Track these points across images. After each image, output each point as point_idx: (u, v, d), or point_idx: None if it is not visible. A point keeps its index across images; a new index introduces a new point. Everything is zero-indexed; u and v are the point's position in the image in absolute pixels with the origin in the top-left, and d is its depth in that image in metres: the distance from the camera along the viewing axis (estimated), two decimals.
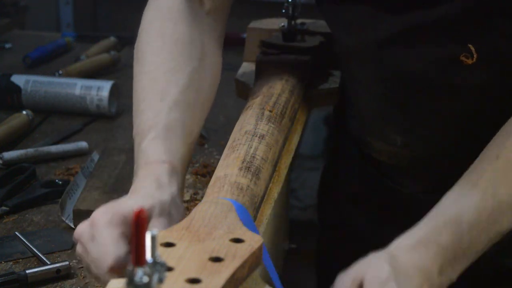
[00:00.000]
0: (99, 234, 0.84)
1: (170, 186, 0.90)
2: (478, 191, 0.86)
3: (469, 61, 0.96)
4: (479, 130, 0.96)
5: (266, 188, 0.94)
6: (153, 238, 0.59)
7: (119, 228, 0.84)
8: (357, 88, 1.12)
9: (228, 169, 0.91)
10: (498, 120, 0.93)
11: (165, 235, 0.75)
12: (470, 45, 0.95)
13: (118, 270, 0.81)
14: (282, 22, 1.30)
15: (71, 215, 1.13)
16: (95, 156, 1.30)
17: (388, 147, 1.10)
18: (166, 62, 1.01)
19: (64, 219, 1.12)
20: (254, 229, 0.84)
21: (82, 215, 1.12)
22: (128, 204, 0.86)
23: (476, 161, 0.90)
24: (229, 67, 1.73)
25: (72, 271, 1.01)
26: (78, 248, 0.87)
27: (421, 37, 0.98)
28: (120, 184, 1.20)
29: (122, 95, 1.56)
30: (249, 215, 0.86)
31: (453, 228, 0.85)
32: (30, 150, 1.32)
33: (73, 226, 1.12)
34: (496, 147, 0.90)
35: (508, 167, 0.88)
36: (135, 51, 1.07)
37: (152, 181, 0.90)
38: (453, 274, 0.86)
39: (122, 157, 1.29)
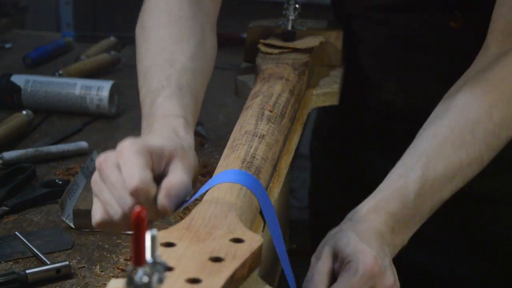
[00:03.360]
0: (126, 160, 0.87)
1: (187, 138, 0.96)
2: (421, 166, 0.99)
3: (457, 26, 1.15)
4: None
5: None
6: (153, 238, 0.59)
7: (145, 157, 0.87)
8: (358, 44, 1.28)
9: (228, 168, 0.91)
10: None
11: (165, 235, 0.75)
12: (456, 12, 1.15)
13: (142, 193, 0.84)
14: (281, 22, 1.30)
15: (71, 215, 1.13)
16: (95, 155, 1.30)
17: (384, 95, 1.26)
18: (173, 35, 1.10)
19: (64, 219, 1.12)
20: (270, 205, 0.91)
21: (82, 214, 1.12)
22: (153, 141, 0.91)
23: (417, 138, 1.03)
24: (229, 67, 1.74)
25: (72, 271, 1.01)
26: (96, 176, 0.89)
27: (419, 4, 1.18)
28: None
29: (122, 95, 1.56)
30: (264, 190, 0.92)
31: (401, 197, 0.98)
32: (30, 150, 1.32)
33: (73, 226, 1.12)
34: (435, 123, 1.03)
35: (444, 144, 1.01)
36: (138, 25, 1.16)
37: (170, 131, 0.96)
38: (404, 236, 0.99)
39: None
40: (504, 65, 1.04)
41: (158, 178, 0.87)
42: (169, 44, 1.09)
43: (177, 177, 0.87)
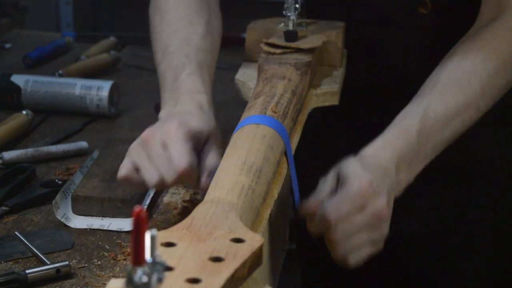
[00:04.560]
0: (174, 143, 1.04)
1: (210, 113, 1.13)
2: (422, 108, 1.10)
3: (425, 11, 1.27)
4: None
5: (267, 188, 0.94)
6: (153, 238, 0.59)
7: (191, 142, 1.05)
8: None
9: (230, 168, 0.91)
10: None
11: (165, 235, 0.75)
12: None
13: (187, 175, 1.03)
14: (282, 22, 1.30)
15: (67, 214, 1.13)
16: (96, 154, 1.30)
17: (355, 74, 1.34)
18: (185, 16, 1.23)
19: (59, 218, 1.12)
20: (290, 154, 1.04)
21: (81, 200, 1.13)
22: (195, 123, 1.07)
23: (422, 87, 1.14)
24: (229, 67, 1.74)
25: (72, 271, 1.01)
26: (137, 144, 1.06)
27: None
28: None
29: (122, 95, 1.56)
30: (287, 133, 1.05)
31: (404, 136, 1.08)
32: (30, 150, 1.32)
33: (68, 225, 1.12)
34: (435, 75, 1.15)
35: (443, 91, 1.12)
36: (152, 5, 1.28)
37: (196, 107, 1.12)
38: (409, 174, 1.08)
39: (126, 147, 1.29)
40: (495, 26, 1.16)
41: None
42: (183, 25, 1.22)
43: (215, 159, 1.06)
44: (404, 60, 1.32)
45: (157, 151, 1.05)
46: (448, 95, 1.12)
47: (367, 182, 1.01)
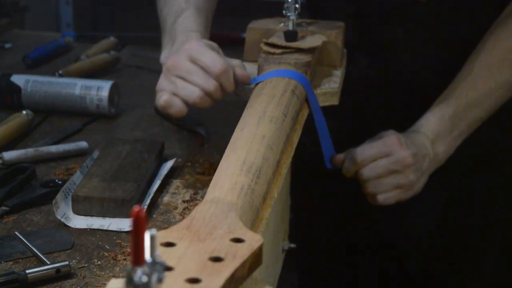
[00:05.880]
0: (202, 53, 1.12)
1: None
2: (455, 95, 1.24)
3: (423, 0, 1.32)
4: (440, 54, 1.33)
5: (267, 188, 0.94)
6: (153, 238, 0.59)
7: (214, 50, 1.15)
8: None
9: (229, 168, 0.91)
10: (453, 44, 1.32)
11: (165, 235, 0.75)
12: None
13: (226, 75, 1.12)
14: (282, 22, 1.30)
15: (67, 214, 1.13)
16: (96, 154, 1.30)
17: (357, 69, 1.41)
18: None
19: (59, 218, 1.12)
20: (315, 99, 1.18)
21: (81, 201, 1.12)
22: (207, 41, 1.17)
23: (455, 77, 1.26)
24: None
25: (72, 271, 1.01)
26: (164, 77, 1.14)
27: None
28: (120, 173, 1.20)
29: (122, 95, 1.56)
30: (309, 83, 1.16)
31: (438, 117, 1.24)
32: (30, 150, 1.32)
33: (68, 225, 1.12)
34: (468, 65, 1.26)
35: (476, 78, 1.24)
36: None
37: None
38: (448, 147, 1.25)
39: (126, 147, 1.29)
40: None
41: None
42: None
43: (235, 60, 1.17)
44: (404, 55, 1.33)
45: (188, 67, 1.12)
46: (480, 82, 1.24)
47: (395, 137, 1.21)
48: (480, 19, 1.28)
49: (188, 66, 1.12)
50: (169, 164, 1.27)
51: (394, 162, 1.20)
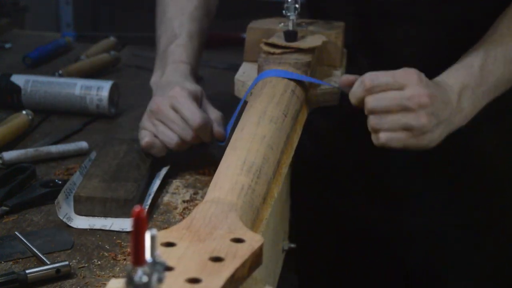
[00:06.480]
0: (184, 104, 1.20)
1: (193, 80, 1.29)
2: (483, 49, 1.17)
3: None
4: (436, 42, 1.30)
5: (267, 188, 0.94)
6: (153, 238, 0.59)
7: (196, 101, 1.23)
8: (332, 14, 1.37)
9: (229, 168, 0.91)
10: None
11: (165, 235, 0.75)
12: None
13: (203, 128, 1.20)
14: (282, 22, 1.30)
15: (68, 214, 1.13)
16: (93, 155, 1.30)
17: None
18: None
19: (61, 218, 1.12)
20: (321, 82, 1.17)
21: (83, 201, 1.13)
22: (189, 85, 1.24)
23: (482, 38, 1.20)
24: (229, 67, 1.74)
25: (72, 271, 1.01)
26: (147, 117, 1.23)
27: None
28: (119, 173, 1.20)
29: (122, 95, 1.56)
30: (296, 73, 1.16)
31: (467, 69, 1.15)
32: (30, 150, 1.32)
33: (71, 225, 1.12)
34: (493, 27, 1.21)
35: (502, 37, 1.19)
36: None
37: (181, 75, 1.28)
38: (473, 104, 1.14)
39: (123, 147, 1.29)
40: None
41: None
42: None
43: (215, 112, 1.25)
44: (404, 55, 1.32)
45: (170, 115, 1.20)
46: (507, 39, 1.18)
47: (415, 71, 1.08)
48: (480, 20, 1.28)
49: (170, 114, 1.21)
50: (164, 170, 1.27)
51: (407, 98, 1.06)
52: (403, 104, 1.06)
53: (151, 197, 1.18)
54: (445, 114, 1.09)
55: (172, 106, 1.21)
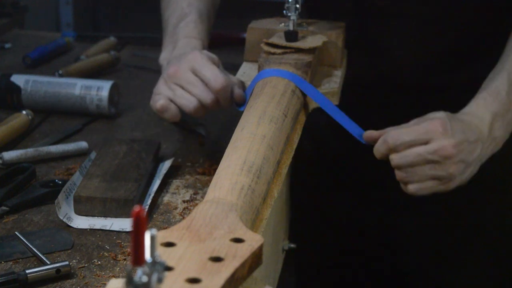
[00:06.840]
0: (204, 66, 1.16)
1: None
2: (507, 70, 1.15)
3: None
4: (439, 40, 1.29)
5: (267, 188, 0.94)
6: (153, 238, 0.59)
7: (216, 64, 1.19)
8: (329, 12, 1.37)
9: (230, 168, 0.91)
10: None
11: (165, 235, 0.75)
12: None
13: (226, 90, 1.16)
14: (282, 22, 1.30)
15: (68, 214, 1.13)
16: (93, 155, 1.30)
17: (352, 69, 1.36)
18: None
19: (61, 218, 1.12)
20: (316, 93, 1.15)
21: (83, 201, 1.13)
22: (209, 53, 1.21)
23: (503, 53, 1.19)
24: (229, 67, 1.74)
25: (72, 271, 1.01)
26: (162, 82, 1.17)
27: None
28: (120, 173, 1.20)
29: (122, 95, 1.56)
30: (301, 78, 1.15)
31: (495, 97, 1.13)
32: (30, 150, 1.32)
33: (70, 225, 1.12)
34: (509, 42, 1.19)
35: None
36: None
37: (193, 49, 1.23)
38: (505, 131, 1.14)
39: (122, 147, 1.29)
40: None
41: None
42: None
43: (235, 77, 1.21)
44: (402, 55, 1.32)
45: (190, 78, 1.15)
46: None
47: (440, 121, 1.07)
48: (479, 20, 1.28)
49: (190, 76, 1.15)
50: (167, 164, 1.27)
51: (432, 152, 1.06)
52: (429, 158, 1.07)
53: (151, 197, 1.18)
54: (474, 155, 1.10)
55: (192, 68, 1.16)
